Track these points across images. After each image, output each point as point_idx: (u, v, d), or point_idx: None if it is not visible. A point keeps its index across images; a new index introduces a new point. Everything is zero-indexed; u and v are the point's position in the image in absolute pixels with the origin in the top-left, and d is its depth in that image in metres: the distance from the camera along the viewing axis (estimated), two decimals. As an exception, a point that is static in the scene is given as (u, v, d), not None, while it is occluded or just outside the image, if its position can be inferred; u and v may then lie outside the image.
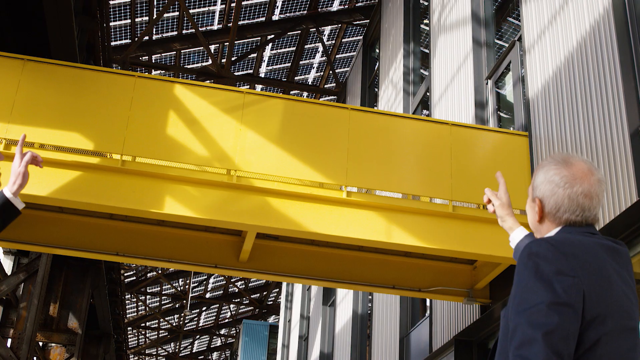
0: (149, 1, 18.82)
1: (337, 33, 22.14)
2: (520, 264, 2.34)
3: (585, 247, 2.37)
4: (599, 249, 2.40)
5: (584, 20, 8.24)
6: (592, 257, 2.35)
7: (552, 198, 2.50)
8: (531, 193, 2.60)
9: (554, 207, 2.50)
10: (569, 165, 2.51)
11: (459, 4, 12.24)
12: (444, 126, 9.05)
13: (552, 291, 2.22)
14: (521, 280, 2.30)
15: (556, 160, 2.54)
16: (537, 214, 2.55)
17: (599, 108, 7.69)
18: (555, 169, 2.52)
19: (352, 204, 8.37)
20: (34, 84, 8.29)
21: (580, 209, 2.47)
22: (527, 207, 2.64)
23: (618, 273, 2.39)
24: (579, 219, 2.47)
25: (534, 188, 2.58)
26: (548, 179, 2.52)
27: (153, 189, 8.04)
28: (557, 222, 2.50)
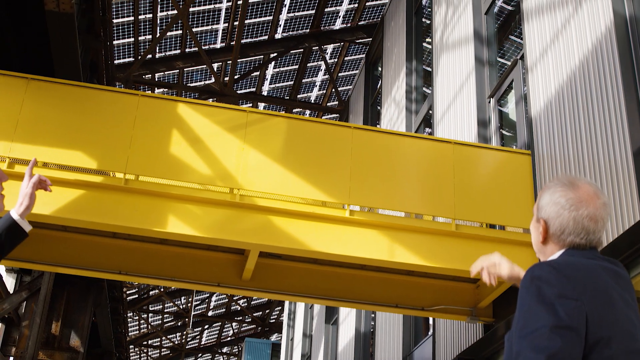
0: (152, 20, 18.90)
1: (340, 51, 22.21)
2: (523, 288, 2.33)
3: (589, 270, 2.37)
4: (602, 272, 2.39)
5: (586, 39, 8.26)
6: (595, 280, 2.35)
7: (557, 220, 2.50)
8: (536, 213, 2.60)
9: (558, 229, 2.50)
10: (575, 187, 2.51)
11: (461, 22, 12.28)
12: (446, 145, 9.06)
13: (555, 315, 2.21)
14: (524, 303, 2.30)
15: (562, 182, 2.54)
16: (542, 234, 2.55)
17: (602, 126, 7.69)
18: (561, 191, 2.51)
19: (355, 222, 8.36)
20: (38, 102, 8.31)
21: (585, 231, 2.46)
22: (532, 227, 2.64)
23: (621, 296, 2.38)
24: (583, 242, 2.47)
25: (539, 209, 2.58)
26: (554, 201, 2.52)
27: (156, 207, 8.04)
28: (562, 244, 2.50)
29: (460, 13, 12.37)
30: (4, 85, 8.35)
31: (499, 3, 11.74)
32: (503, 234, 8.72)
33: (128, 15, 18.58)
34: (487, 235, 8.58)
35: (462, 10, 12.33)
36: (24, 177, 3.15)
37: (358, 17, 20.67)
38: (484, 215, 8.73)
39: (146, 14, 18.81)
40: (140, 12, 18.64)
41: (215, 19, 19.74)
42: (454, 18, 12.72)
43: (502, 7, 11.82)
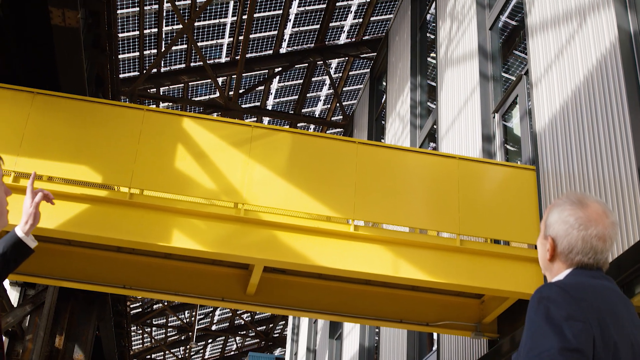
0: (157, 34, 18.96)
1: (344, 66, 22.25)
2: (531, 309, 2.32)
3: (597, 292, 2.36)
4: (609, 293, 2.38)
5: (590, 54, 8.27)
6: (603, 302, 2.33)
7: (565, 238, 2.48)
8: (543, 230, 2.58)
9: (567, 248, 2.48)
10: (584, 206, 2.49)
11: (465, 37, 12.30)
12: (451, 160, 9.06)
13: (562, 336, 2.20)
14: (532, 324, 2.28)
15: (571, 201, 2.52)
16: (549, 252, 2.53)
17: (606, 142, 7.69)
18: (570, 210, 2.50)
19: (360, 237, 8.35)
20: (43, 116, 8.33)
21: (593, 251, 2.45)
22: (538, 244, 2.62)
23: (629, 318, 2.37)
24: (591, 262, 2.46)
25: (547, 226, 2.56)
26: (562, 219, 2.50)
27: (160, 222, 8.04)
28: (569, 263, 2.49)
29: (465, 28, 12.40)
30: (10, 99, 8.38)
31: (503, 18, 11.77)
32: (508, 249, 8.71)
33: (133, 29, 18.66)
34: (492, 250, 8.56)
35: (466, 26, 12.35)
36: (26, 194, 3.14)
37: (362, 32, 20.73)
38: (488, 230, 8.72)
39: (151, 28, 18.87)
40: (146, 27, 18.71)
41: (220, 33, 19.81)
42: (458, 33, 12.75)
43: (506, 22, 11.85)
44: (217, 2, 18.75)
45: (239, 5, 18.83)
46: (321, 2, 19.45)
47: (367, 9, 20.02)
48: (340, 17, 20.17)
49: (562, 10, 9.08)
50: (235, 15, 19.26)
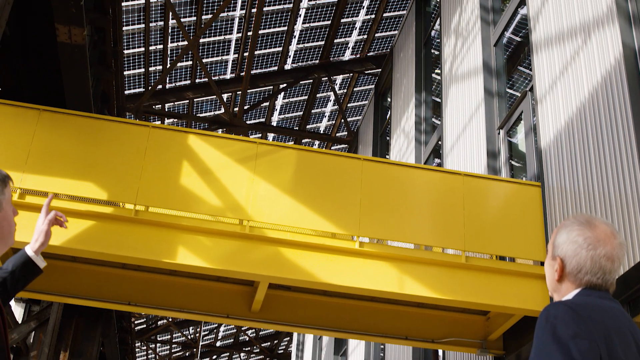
0: (162, 51, 19.03)
1: (349, 82, 22.30)
2: (539, 327, 2.33)
3: (604, 312, 2.36)
4: (617, 314, 2.38)
5: (595, 71, 8.28)
6: (610, 321, 2.33)
7: (574, 258, 2.49)
8: (551, 251, 2.59)
9: (575, 268, 2.48)
10: (592, 227, 2.50)
11: (470, 54, 12.33)
12: (456, 176, 9.05)
13: (569, 355, 2.20)
14: (539, 343, 2.29)
15: (579, 221, 2.53)
16: (558, 273, 2.53)
17: (612, 158, 7.68)
18: (578, 230, 2.51)
19: (365, 254, 8.35)
20: (49, 133, 8.36)
21: (602, 271, 2.45)
22: (546, 265, 2.62)
23: (635, 339, 2.37)
24: (599, 282, 2.46)
25: (555, 247, 2.56)
26: (571, 239, 2.51)
27: (166, 238, 8.05)
28: (577, 283, 2.49)
29: (470, 45, 12.42)
30: (16, 116, 8.41)
31: (507, 34, 11.79)
32: (513, 266, 8.69)
33: (139, 46, 18.73)
34: (497, 267, 8.55)
35: (471, 42, 12.38)
36: (40, 213, 3.16)
37: (367, 48, 20.78)
38: (494, 247, 8.71)
39: (157, 44, 18.95)
40: (151, 43, 18.79)
41: (225, 49, 19.88)
42: (463, 50, 12.77)
43: (510, 38, 11.87)
44: (222, 18, 18.82)
45: (244, 22, 18.90)
46: (326, 19, 19.51)
47: (371, 26, 20.07)
48: (344, 33, 20.23)
49: (567, 27, 9.10)
50: (240, 31, 19.33)
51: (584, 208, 8.02)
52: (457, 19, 13.33)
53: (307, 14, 19.24)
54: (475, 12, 12.35)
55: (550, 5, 9.64)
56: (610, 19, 8.07)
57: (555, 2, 9.49)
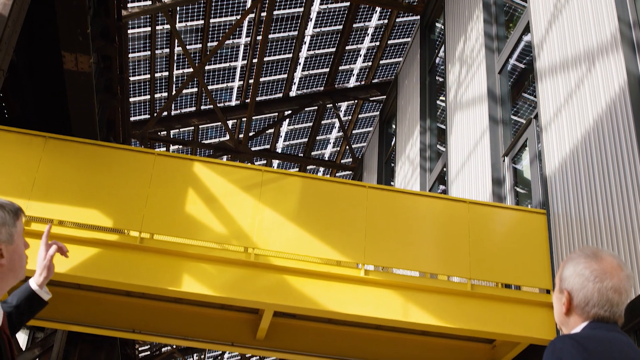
0: (168, 78, 19.12)
1: (354, 109, 22.36)
2: None
3: (612, 345, 2.34)
4: (625, 347, 2.37)
5: (600, 98, 8.29)
6: (617, 354, 2.32)
7: (581, 291, 2.48)
8: (559, 284, 2.58)
9: (583, 301, 2.48)
10: (599, 259, 2.50)
11: (475, 81, 12.36)
12: (461, 204, 9.05)
13: None
14: None
15: (586, 254, 2.53)
16: (565, 306, 2.52)
17: (617, 185, 7.67)
18: (585, 263, 2.50)
19: (370, 282, 8.33)
20: (55, 161, 8.38)
21: (609, 304, 2.44)
22: (554, 299, 2.61)
23: None
24: (607, 314, 2.45)
25: (562, 280, 2.56)
26: (578, 272, 2.50)
27: (170, 266, 8.04)
28: (585, 316, 2.48)
29: (474, 72, 12.46)
30: (22, 143, 8.44)
31: (512, 61, 11.83)
32: (519, 294, 8.66)
33: (145, 73, 18.83)
34: (503, 295, 8.52)
35: (475, 70, 12.42)
36: (40, 247, 3.16)
37: (372, 75, 20.86)
38: (499, 274, 8.68)
39: (162, 71, 19.05)
40: (157, 70, 18.89)
41: (230, 76, 19.97)
42: (467, 77, 12.81)
43: (515, 65, 11.91)
44: (228, 46, 18.93)
45: (249, 49, 19.00)
46: (331, 46, 19.61)
47: (376, 53, 20.16)
48: (349, 60, 20.32)
49: (571, 55, 9.13)
50: (246, 59, 19.43)
51: (590, 235, 8.00)
52: (462, 46, 13.38)
53: (312, 41, 19.35)
54: (480, 40, 12.40)
55: (554, 33, 9.68)
56: (615, 46, 8.09)
57: (560, 29, 9.53)
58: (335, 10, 18.65)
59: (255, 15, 18.13)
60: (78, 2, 9.75)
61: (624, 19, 8.07)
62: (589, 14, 8.78)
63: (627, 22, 8.05)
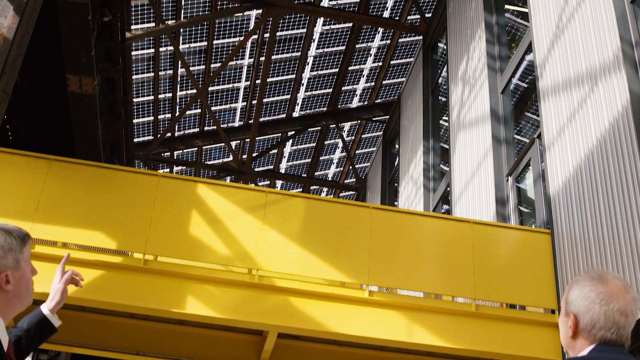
0: (171, 99, 19.18)
1: (357, 129, 22.40)
2: None
3: None
4: None
5: (603, 118, 8.30)
6: None
7: (587, 314, 2.47)
8: (564, 307, 2.57)
9: (589, 324, 2.47)
10: (604, 282, 2.49)
11: (477, 101, 12.38)
12: (465, 224, 9.04)
13: None
14: None
15: (591, 277, 2.52)
16: (571, 329, 2.51)
17: (621, 204, 7.67)
18: (591, 285, 2.50)
19: (374, 303, 8.30)
20: (59, 183, 8.39)
21: (616, 326, 2.44)
22: (560, 322, 2.60)
23: None
24: (614, 337, 2.44)
25: (567, 303, 2.55)
26: (584, 295, 2.49)
27: (174, 288, 8.03)
28: (592, 339, 2.47)
29: (477, 92, 12.49)
30: (26, 165, 8.46)
31: (514, 80, 11.86)
32: (524, 314, 8.63)
33: (148, 94, 18.89)
34: (508, 315, 8.49)
35: (478, 89, 12.45)
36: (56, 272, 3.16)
37: (375, 95, 20.91)
38: (504, 295, 8.66)
39: (166, 93, 19.11)
40: (160, 92, 18.95)
41: (233, 97, 20.03)
42: (470, 97, 12.84)
43: (517, 85, 11.93)
44: (231, 67, 18.99)
45: (252, 70, 19.07)
46: (334, 67, 19.67)
47: (379, 73, 20.22)
48: (352, 81, 20.38)
49: (573, 74, 9.15)
50: (249, 79, 19.49)
51: (594, 255, 7.99)
52: (464, 66, 13.42)
53: (314, 62, 19.42)
54: (482, 59, 12.44)
55: (556, 52, 9.71)
56: (617, 66, 8.11)
57: (562, 49, 9.56)
58: (337, 31, 18.72)
59: (258, 36, 18.21)
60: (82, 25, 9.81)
61: (626, 39, 8.09)
62: (591, 33, 8.81)
63: (629, 41, 8.08)
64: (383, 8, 18.40)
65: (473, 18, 13.25)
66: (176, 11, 16.83)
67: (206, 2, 17.06)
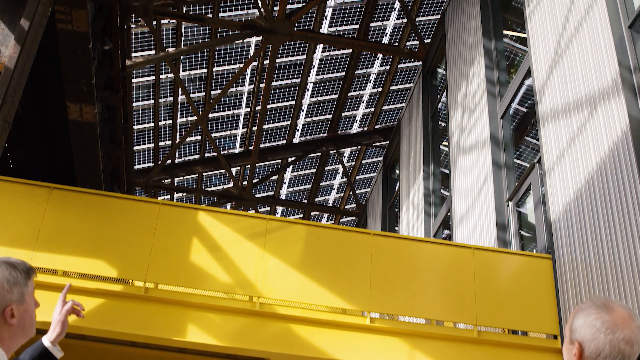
0: (172, 126, 19.22)
1: (357, 154, 22.43)
2: None
3: None
4: None
5: (602, 142, 8.31)
6: None
7: (592, 343, 2.45)
8: (569, 335, 2.56)
9: (594, 352, 2.45)
10: (609, 310, 2.48)
11: (477, 126, 12.41)
12: (466, 250, 9.03)
13: None
14: None
15: (596, 305, 2.51)
16: (576, 357, 2.50)
17: (622, 229, 7.66)
18: (596, 313, 2.48)
19: (375, 330, 8.27)
20: (60, 211, 8.40)
21: (621, 355, 2.42)
22: (564, 350, 2.59)
23: None
24: None
25: (572, 331, 2.54)
26: (589, 323, 2.48)
27: (175, 316, 8.00)
28: None
29: (477, 117, 12.52)
30: (27, 194, 8.46)
31: (514, 105, 11.89)
32: (526, 339, 8.59)
33: (149, 121, 18.94)
34: (510, 341, 8.45)
35: (478, 115, 12.48)
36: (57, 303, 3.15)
37: (375, 120, 20.96)
38: (506, 320, 8.63)
39: (166, 120, 19.16)
40: (161, 119, 19.00)
41: (234, 124, 20.08)
42: (470, 122, 12.87)
43: (517, 109, 11.96)
44: (231, 93, 19.06)
45: (252, 97, 19.13)
46: (333, 93, 19.74)
47: (379, 99, 20.28)
48: (352, 106, 20.44)
49: (573, 99, 9.18)
50: (249, 106, 19.55)
51: (596, 279, 7.97)
52: (464, 91, 13.46)
53: (314, 88, 19.49)
54: (482, 85, 12.48)
55: (555, 77, 9.75)
56: (616, 91, 8.13)
57: (561, 74, 9.59)
58: (337, 58, 18.81)
59: (258, 63, 18.29)
60: (83, 54, 9.86)
61: (624, 64, 8.12)
62: (589, 58, 8.85)
63: (628, 66, 8.11)
64: (382, 34, 18.49)
65: (472, 44, 13.31)
66: (176, 39, 16.92)
67: (206, 29, 17.15)
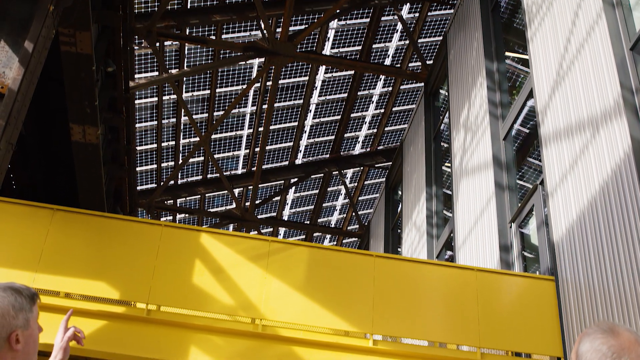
0: (174, 147, 19.26)
1: (360, 175, 22.44)
2: None
3: None
4: None
5: (605, 164, 8.31)
6: None
7: None
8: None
9: None
10: (616, 334, 2.47)
11: (480, 147, 12.42)
12: (469, 272, 9.01)
13: None
14: None
15: (602, 329, 2.49)
16: None
17: (625, 251, 7.64)
18: (602, 338, 2.47)
19: (378, 352, 8.24)
20: (62, 233, 8.40)
21: None
22: None
23: None
24: None
25: (578, 356, 2.52)
26: (595, 348, 2.47)
27: (178, 338, 7.98)
28: None
29: (479, 139, 12.53)
30: (30, 215, 8.47)
31: (516, 126, 11.90)
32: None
33: (151, 142, 18.98)
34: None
35: (480, 136, 12.49)
36: (59, 330, 3.16)
37: (377, 142, 20.99)
38: (509, 343, 8.59)
39: (169, 141, 19.20)
40: (164, 140, 19.04)
41: (236, 145, 20.11)
42: (472, 143, 12.88)
43: (519, 130, 11.97)
44: (234, 115, 19.11)
45: (255, 118, 19.17)
46: (336, 114, 19.78)
47: (381, 120, 20.32)
48: (354, 128, 20.48)
49: (575, 121, 9.19)
50: (252, 127, 19.60)
51: (599, 301, 7.94)
52: (466, 113, 13.49)
53: (317, 109, 19.53)
54: (484, 106, 12.50)
55: (557, 98, 9.77)
56: (618, 112, 8.15)
57: (563, 95, 9.61)
58: (339, 79, 18.86)
59: (260, 84, 18.35)
60: (86, 76, 9.90)
61: (626, 85, 8.14)
62: (591, 80, 8.87)
63: (630, 88, 8.13)
64: (384, 55, 18.56)
65: (474, 65, 13.35)
66: (179, 60, 16.98)
67: (209, 51, 17.22)
